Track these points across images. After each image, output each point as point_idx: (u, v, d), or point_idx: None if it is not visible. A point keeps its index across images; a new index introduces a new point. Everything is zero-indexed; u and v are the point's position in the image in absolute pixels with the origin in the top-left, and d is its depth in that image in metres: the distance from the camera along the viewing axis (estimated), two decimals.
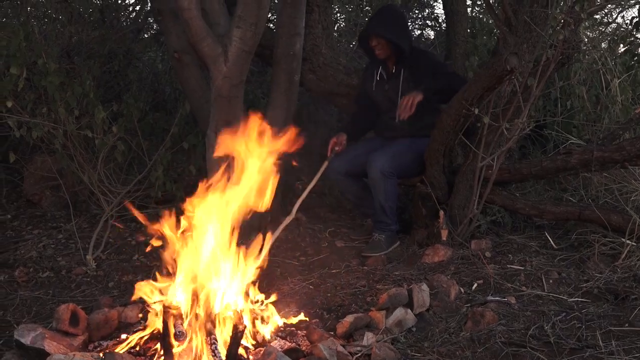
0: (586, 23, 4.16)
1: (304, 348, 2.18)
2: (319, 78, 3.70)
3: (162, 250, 2.22)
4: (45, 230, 3.57)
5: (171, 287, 2.17)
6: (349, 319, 2.34)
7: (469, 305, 2.58)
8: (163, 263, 2.23)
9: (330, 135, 3.54)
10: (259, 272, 2.34)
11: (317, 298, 2.75)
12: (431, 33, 5.94)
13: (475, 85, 2.91)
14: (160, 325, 2.03)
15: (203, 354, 2.01)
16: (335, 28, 5.47)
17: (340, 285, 2.90)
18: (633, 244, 2.89)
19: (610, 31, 4.75)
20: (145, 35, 5.40)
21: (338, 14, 5.80)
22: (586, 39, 4.26)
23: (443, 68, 3.41)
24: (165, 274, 2.23)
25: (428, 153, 3.24)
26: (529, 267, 2.91)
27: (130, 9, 5.36)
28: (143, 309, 2.33)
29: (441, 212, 3.22)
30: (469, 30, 4.33)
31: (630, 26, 3.73)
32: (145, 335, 2.16)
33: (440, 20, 5.76)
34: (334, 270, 3.12)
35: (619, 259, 2.86)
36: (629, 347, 2.16)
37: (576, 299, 2.60)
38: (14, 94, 3.26)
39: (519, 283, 2.78)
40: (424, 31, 6.02)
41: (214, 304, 2.12)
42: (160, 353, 2.03)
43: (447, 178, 3.34)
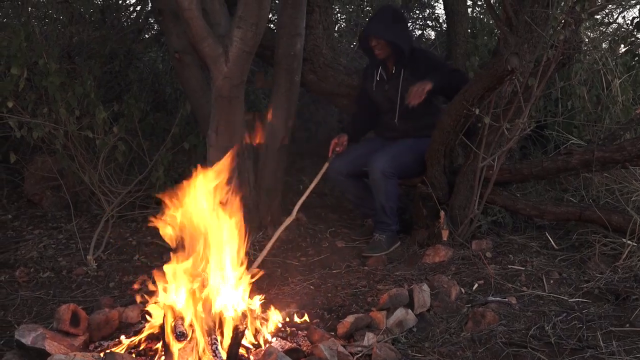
0: (587, 23, 4.15)
1: (304, 348, 2.18)
2: (320, 78, 3.69)
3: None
4: (46, 230, 3.57)
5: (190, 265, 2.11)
6: (350, 319, 2.34)
7: (469, 305, 2.58)
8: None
9: (331, 136, 3.55)
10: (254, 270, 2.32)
11: (318, 298, 2.75)
12: (432, 33, 5.93)
13: (476, 85, 2.91)
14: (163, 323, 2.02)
15: (204, 354, 2.01)
16: (336, 28, 5.47)
17: (341, 285, 2.90)
18: (634, 244, 2.89)
19: (611, 31, 4.74)
20: (146, 36, 5.39)
21: (339, 15, 5.79)
22: (587, 39, 4.26)
23: (443, 67, 3.41)
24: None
25: (429, 153, 3.24)
26: (530, 268, 2.91)
27: (131, 9, 5.35)
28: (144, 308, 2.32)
29: (442, 213, 3.22)
30: (469, 30, 4.33)
31: (631, 26, 3.73)
32: (143, 337, 2.16)
33: (441, 21, 5.75)
34: (334, 271, 3.12)
35: (620, 259, 2.86)
36: (630, 348, 2.16)
37: (577, 299, 2.60)
38: (15, 95, 3.27)
39: (520, 283, 2.78)
40: (424, 31, 6.01)
41: (214, 304, 2.12)
42: (161, 353, 2.03)
43: (448, 178, 3.34)
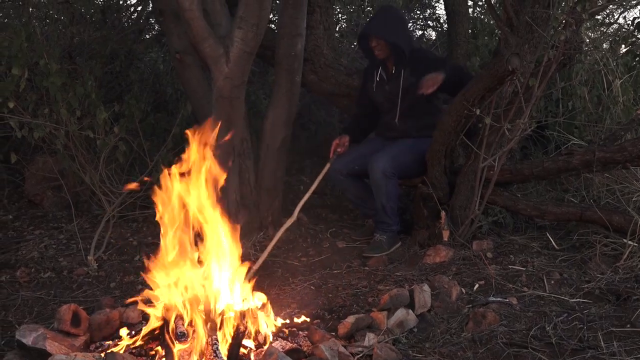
0: (588, 24, 4.16)
1: (305, 349, 2.18)
2: (321, 79, 3.69)
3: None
4: (47, 230, 3.57)
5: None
6: (351, 319, 2.33)
7: (470, 305, 2.58)
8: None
9: (332, 136, 3.54)
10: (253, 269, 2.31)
11: (319, 299, 2.75)
12: (433, 34, 5.92)
13: (477, 85, 2.91)
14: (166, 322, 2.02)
15: (204, 355, 2.01)
16: (337, 29, 5.46)
17: (341, 285, 2.90)
18: (635, 244, 2.89)
19: (611, 32, 4.74)
20: (147, 36, 5.39)
21: (339, 15, 5.79)
22: (588, 40, 4.26)
23: (444, 65, 3.41)
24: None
25: (429, 154, 3.23)
26: (531, 268, 2.91)
27: (132, 9, 5.36)
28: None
29: (442, 213, 3.22)
30: (470, 30, 4.32)
31: (631, 27, 3.73)
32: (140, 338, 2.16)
33: (441, 21, 5.75)
34: (335, 271, 3.12)
35: (621, 259, 2.85)
36: (631, 348, 2.15)
37: (578, 299, 2.59)
38: (16, 95, 3.27)
39: (521, 284, 2.77)
40: (425, 32, 6.01)
41: (215, 304, 2.12)
42: (162, 353, 2.03)
43: (449, 179, 3.34)
